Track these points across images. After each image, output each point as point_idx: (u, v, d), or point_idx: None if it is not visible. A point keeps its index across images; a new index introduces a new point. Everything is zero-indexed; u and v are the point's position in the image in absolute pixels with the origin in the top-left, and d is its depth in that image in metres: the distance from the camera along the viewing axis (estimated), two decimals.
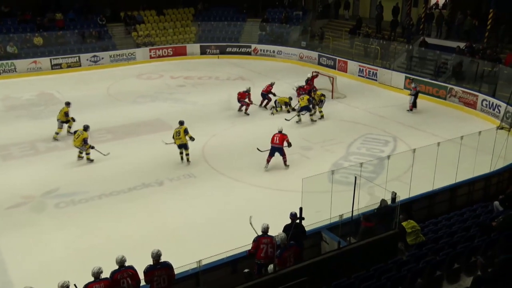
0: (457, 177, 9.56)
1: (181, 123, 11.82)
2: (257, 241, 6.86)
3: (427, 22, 20.64)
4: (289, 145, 11.61)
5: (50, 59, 21.82)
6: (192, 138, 11.64)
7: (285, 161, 11.65)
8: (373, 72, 19.81)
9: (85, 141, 11.75)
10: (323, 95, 15.46)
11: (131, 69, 22.63)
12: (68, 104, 13.96)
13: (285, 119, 14.90)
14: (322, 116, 15.24)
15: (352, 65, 20.80)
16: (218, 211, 9.70)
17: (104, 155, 12.06)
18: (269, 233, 6.95)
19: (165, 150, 12.72)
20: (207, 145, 13.17)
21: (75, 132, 11.93)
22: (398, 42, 20.61)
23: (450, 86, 16.89)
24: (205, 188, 10.68)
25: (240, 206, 9.83)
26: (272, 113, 15.73)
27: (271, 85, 16.49)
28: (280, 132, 11.72)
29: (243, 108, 15.73)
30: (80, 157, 11.99)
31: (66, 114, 13.68)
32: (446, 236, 7.38)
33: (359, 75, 20.20)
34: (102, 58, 22.86)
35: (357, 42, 21.79)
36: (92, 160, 11.87)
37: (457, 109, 16.35)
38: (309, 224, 7.38)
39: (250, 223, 7.08)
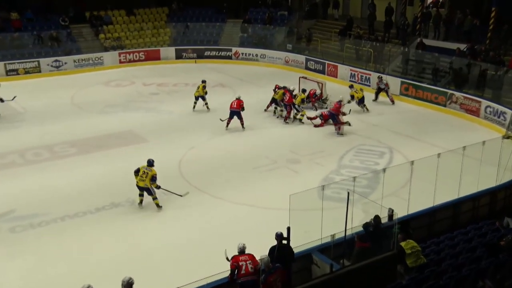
0: (460, 191, 9.65)
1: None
2: (234, 258, 6.90)
3: (424, 22, 21.10)
4: (243, 109, 14.87)
5: (5, 64, 21.54)
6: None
7: (242, 124, 14.86)
8: (366, 77, 20.09)
9: (153, 179, 10.27)
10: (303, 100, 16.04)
11: (98, 75, 22.46)
12: None
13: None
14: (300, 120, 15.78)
15: (343, 70, 21.07)
16: (197, 232, 9.64)
17: (181, 196, 10.64)
18: (251, 255, 6.96)
19: (136, 165, 12.59)
20: (184, 159, 13.12)
21: (137, 170, 10.40)
22: (392, 44, 21.00)
23: (450, 91, 17.23)
24: (183, 207, 10.60)
25: (221, 226, 9.79)
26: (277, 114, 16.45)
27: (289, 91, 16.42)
28: (237, 98, 14.99)
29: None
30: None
31: None
32: (450, 257, 7.42)
33: (350, 80, 20.40)
34: (65, 63, 22.67)
35: (348, 44, 22.11)
36: (161, 207, 10.41)
37: (458, 116, 16.66)
38: (298, 245, 7.36)
39: (226, 258, 7.06)
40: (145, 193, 10.43)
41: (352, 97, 17.09)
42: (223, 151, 13.67)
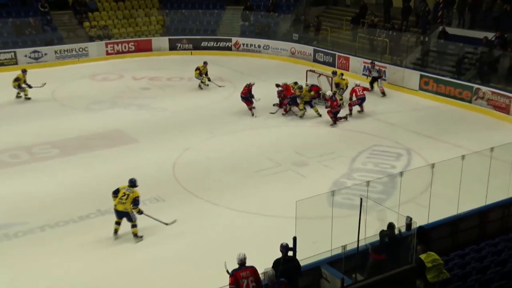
0: (487, 198, 9.61)
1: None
2: (233, 275, 6.85)
3: (447, 8, 20.97)
4: (252, 96, 16.12)
5: None
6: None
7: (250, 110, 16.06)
8: (381, 70, 20.06)
9: (135, 201, 9.61)
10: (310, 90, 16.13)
11: (83, 68, 22.51)
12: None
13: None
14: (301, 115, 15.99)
15: (355, 62, 21.05)
16: (192, 243, 9.62)
17: (167, 224, 10.05)
18: (253, 268, 6.92)
19: (125, 168, 12.63)
20: (178, 161, 13.12)
21: (116, 191, 9.77)
22: (411, 33, 20.96)
23: (476, 86, 17.19)
24: (176, 214, 10.57)
25: (218, 235, 9.78)
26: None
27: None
28: (248, 85, 16.09)
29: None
30: None
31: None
32: (476, 272, 7.37)
33: (363, 74, 20.34)
34: (45, 54, 22.73)
35: (361, 33, 22.10)
36: (141, 237, 9.74)
37: (485, 114, 16.63)
38: (305, 257, 7.35)
39: (227, 271, 7.06)
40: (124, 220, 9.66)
41: (338, 85, 17.18)
42: (222, 153, 13.66)
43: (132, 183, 9.82)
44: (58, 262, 9.10)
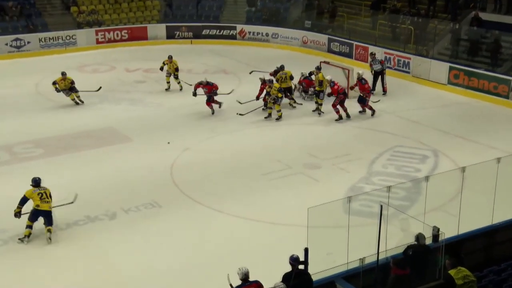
0: None
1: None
2: None
3: None
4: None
5: None
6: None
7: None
8: (404, 62, 20.06)
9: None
10: (280, 90, 15.77)
11: (70, 58, 22.61)
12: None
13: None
14: (278, 117, 15.83)
15: (375, 52, 21.00)
16: (190, 254, 9.62)
17: (72, 202, 10.62)
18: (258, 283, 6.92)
19: (117, 170, 12.69)
20: (176, 163, 13.15)
21: (24, 199, 10.13)
22: (439, 20, 20.91)
23: None
24: (173, 221, 10.63)
25: (220, 246, 9.79)
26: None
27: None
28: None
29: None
30: None
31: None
32: None
33: (388, 67, 20.33)
34: (29, 43, 22.89)
35: (382, 20, 22.07)
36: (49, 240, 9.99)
37: None
38: (317, 271, 7.33)
39: (230, 285, 7.06)
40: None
41: (321, 83, 16.50)
42: (225, 153, 13.68)
43: (37, 183, 10.15)
44: (41, 273, 9.11)
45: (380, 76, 18.10)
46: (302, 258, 7.38)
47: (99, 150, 13.81)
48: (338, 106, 15.63)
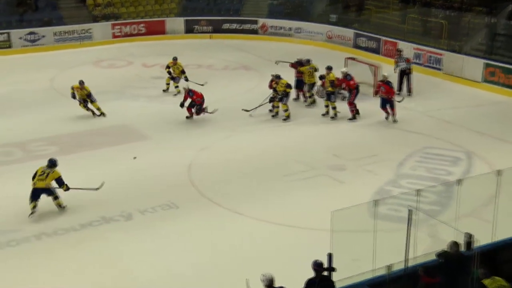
0: None
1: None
2: None
3: None
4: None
5: None
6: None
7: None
8: (436, 58, 19.91)
9: (59, 181, 10.91)
10: (289, 85, 15.54)
11: (86, 52, 22.88)
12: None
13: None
14: (285, 117, 15.66)
15: (405, 48, 20.66)
16: (208, 258, 9.65)
17: (97, 189, 11.25)
18: None
19: (133, 169, 12.79)
20: (194, 162, 13.21)
21: (35, 174, 10.92)
22: (474, 13, 20.66)
23: None
24: (191, 223, 10.67)
25: (239, 249, 9.80)
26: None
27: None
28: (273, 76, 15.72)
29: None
30: None
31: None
32: None
33: (414, 62, 20.07)
34: (43, 37, 23.18)
35: (412, 14, 21.89)
36: (64, 206, 11.07)
37: None
38: (341, 277, 7.30)
39: None
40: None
41: (332, 83, 16.09)
42: (245, 153, 13.70)
43: (52, 163, 10.96)
44: (52, 278, 9.20)
45: (406, 76, 17.80)
46: (324, 264, 7.37)
47: (115, 148, 13.93)
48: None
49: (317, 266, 7.21)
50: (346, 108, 15.79)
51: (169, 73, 17.95)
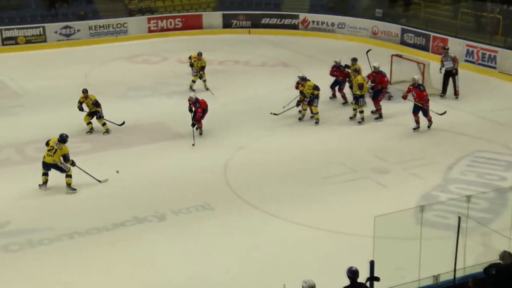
0: None
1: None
2: None
3: None
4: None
5: (1, 31, 22.66)
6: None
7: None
8: (490, 56, 19.57)
9: (65, 157, 11.83)
10: (316, 87, 15.18)
11: (120, 47, 23.22)
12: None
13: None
14: (317, 120, 15.44)
15: (456, 45, 20.50)
16: (243, 261, 9.69)
17: (100, 181, 12.15)
18: None
19: (167, 168, 12.92)
20: (231, 163, 13.28)
21: (47, 143, 12.03)
22: None
23: None
24: (226, 225, 10.73)
25: (274, 254, 9.80)
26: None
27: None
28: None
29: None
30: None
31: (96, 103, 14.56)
32: None
33: (466, 60, 20.00)
34: (78, 31, 23.61)
35: (465, 8, 21.54)
36: (74, 190, 11.92)
37: None
38: (384, 287, 7.24)
39: None
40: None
41: (361, 86, 15.82)
42: (283, 153, 13.70)
43: (63, 139, 11.88)
44: (86, 276, 9.37)
45: (451, 77, 17.13)
46: (366, 272, 7.30)
47: (149, 147, 14.09)
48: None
49: (351, 273, 7.16)
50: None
51: (191, 65, 18.11)
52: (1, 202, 11.55)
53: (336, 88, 17.02)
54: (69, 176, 11.80)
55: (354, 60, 16.78)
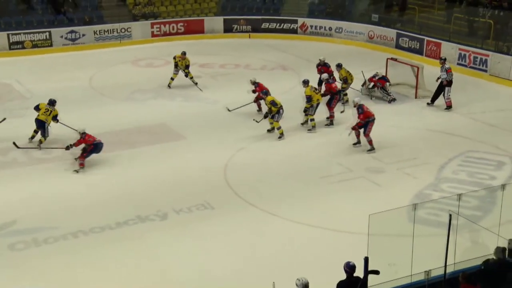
0: None
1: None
2: None
3: None
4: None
5: (8, 35, 22.65)
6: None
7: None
8: (481, 59, 19.58)
9: (55, 118, 14.09)
10: (274, 103, 14.38)
11: (125, 51, 23.26)
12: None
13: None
14: (280, 135, 14.61)
15: (448, 49, 20.60)
16: (243, 260, 9.72)
17: (76, 130, 13.25)
18: None
19: (170, 168, 12.98)
20: (231, 162, 13.31)
21: (37, 106, 14.03)
22: None
23: None
24: (226, 224, 10.77)
25: (276, 252, 9.84)
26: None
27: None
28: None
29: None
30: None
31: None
32: None
33: (458, 64, 20.01)
34: (83, 35, 23.63)
35: (458, 13, 21.54)
36: (39, 147, 13.70)
37: None
38: (378, 282, 7.26)
39: None
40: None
41: (345, 80, 16.62)
42: (281, 154, 13.75)
43: (51, 102, 14.09)
44: (91, 273, 9.43)
45: (444, 89, 16.23)
46: (361, 267, 7.34)
47: (152, 148, 14.13)
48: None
49: (349, 268, 7.21)
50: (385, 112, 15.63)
51: (176, 64, 18.26)
52: (7, 202, 11.59)
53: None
54: (43, 138, 13.89)
55: (339, 66, 16.85)
